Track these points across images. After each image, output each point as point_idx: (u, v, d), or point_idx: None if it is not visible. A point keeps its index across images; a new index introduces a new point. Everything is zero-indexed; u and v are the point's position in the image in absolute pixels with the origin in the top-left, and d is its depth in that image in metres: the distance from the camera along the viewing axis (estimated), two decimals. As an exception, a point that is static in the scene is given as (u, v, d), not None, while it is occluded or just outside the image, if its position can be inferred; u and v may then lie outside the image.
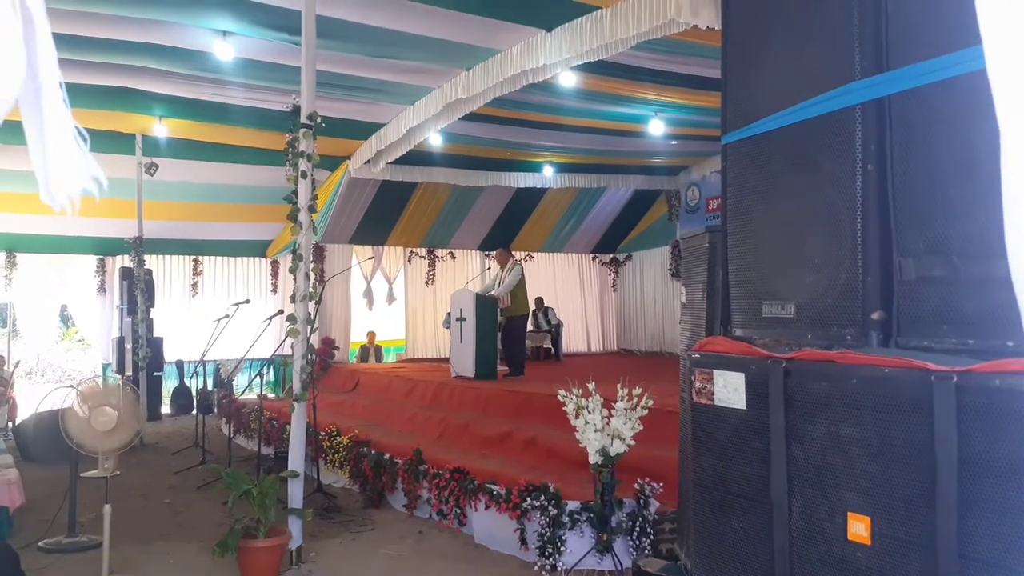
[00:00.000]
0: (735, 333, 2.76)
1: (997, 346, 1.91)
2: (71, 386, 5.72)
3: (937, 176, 2.11)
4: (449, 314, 10.65)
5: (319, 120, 5.79)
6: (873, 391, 2.08)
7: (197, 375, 12.12)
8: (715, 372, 2.60)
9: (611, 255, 17.08)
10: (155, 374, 12.55)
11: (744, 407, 2.49)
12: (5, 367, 12.87)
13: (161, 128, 10.33)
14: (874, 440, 2.07)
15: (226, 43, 7.50)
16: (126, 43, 7.57)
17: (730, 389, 2.53)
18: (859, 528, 2.10)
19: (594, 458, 5.02)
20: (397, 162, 11.79)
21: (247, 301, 10.36)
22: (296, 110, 5.80)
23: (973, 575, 1.82)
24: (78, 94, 8.92)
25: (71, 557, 5.66)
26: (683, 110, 10.11)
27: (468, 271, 15.38)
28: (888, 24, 2.26)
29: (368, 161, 11.64)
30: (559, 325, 14.89)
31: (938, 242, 2.09)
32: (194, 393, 13.11)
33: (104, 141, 10.64)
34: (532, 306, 14.33)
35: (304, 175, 5.73)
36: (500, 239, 14.15)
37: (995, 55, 1.25)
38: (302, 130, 5.72)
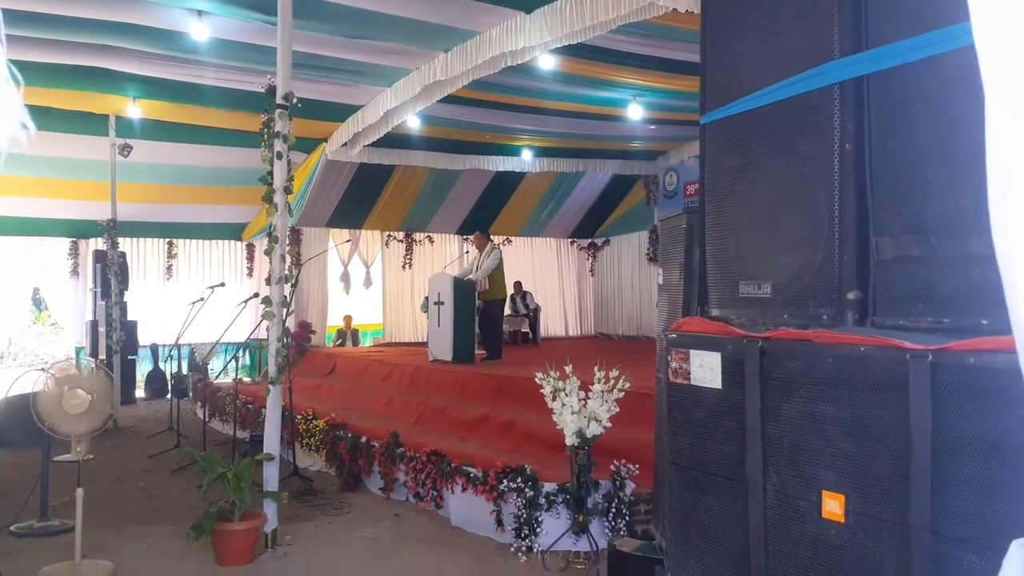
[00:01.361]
0: (712, 313, 2.76)
1: (972, 324, 1.92)
2: (43, 369, 5.65)
3: (915, 156, 2.11)
4: (427, 298, 10.62)
5: (295, 100, 5.73)
6: (849, 370, 2.09)
7: (172, 359, 12.02)
8: (691, 352, 2.60)
9: (589, 240, 17.11)
10: (129, 358, 12.45)
11: (720, 386, 2.49)
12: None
13: (135, 109, 10.18)
14: (849, 418, 2.07)
15: (201, 23, 7.39)
16: (99, 22, 7.43)
17: (706, 369, 2.53)
18: (834, 506, 2.11)
19: (571, 440, 5.03)
20: (375, 145, 11.71)
21: (222, 284, 10.28)
22: (272, 90, 5.74)
23: (946, 551, 1.83)
24: (50, 74, 8.79)
25: (43, 541, 5.60)
26: (662, 94, 10.10)
27: (446, 255, 15.35)
28: (868, 3, 2.25)
29: (345, 144, 11.56)
30: (537, 309, 14.90)
31: (915, 221, 2.09)
32: (169, 377, 13.01)
33: (77, 122, 10.51)
34: (511, 290, 14.35)
35: (280, 156, 5.68)
36: (478, 223, 14.12)
37: (983, 27, 1.24)
38: (278, 110, 5.66)
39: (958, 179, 1.98)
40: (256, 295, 8.06)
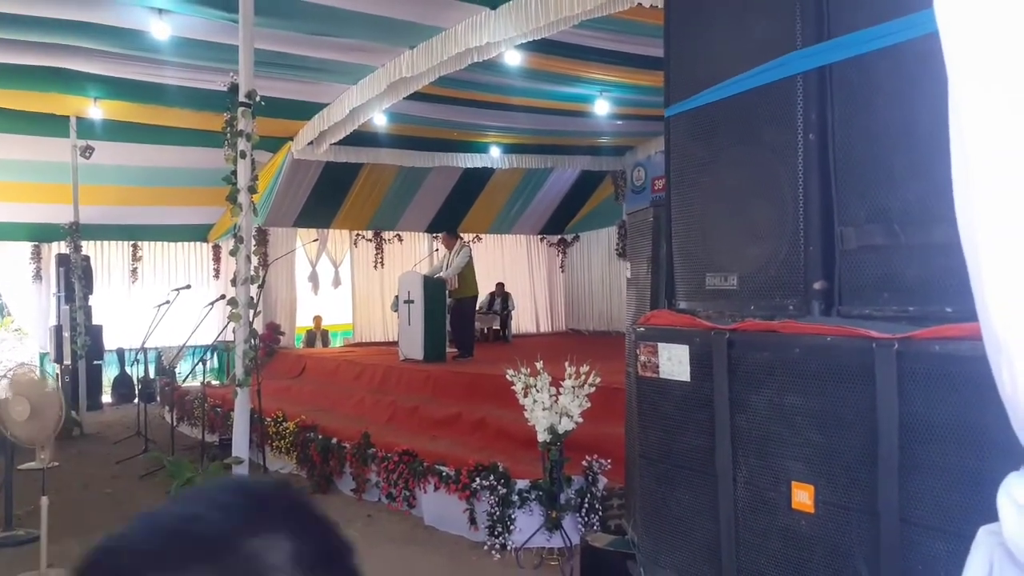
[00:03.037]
0: (679, 306, 2.76)
1: (937, 312, 1.93)
2: (3, 376, 5.54)
3: (878, 144, 2.12)
4: (397, 297, 10.56)
5: (258, 98, 5.67)
6: (815, 360, 2.09)
7: (138, 363, 11.88)
8: (659, 345, 2.59)
9: (559, 236, 17.12)
10: (95, 362, 12.24)
11: (688, 379, 2.48)
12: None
13: (96, 110, 10.02)
14: (817, 408, 2.08)
15: (162, 21, 7.28)
16: (58, 21, 7.30)
17: (675, 361, 2.52)
18: (803, 497, 2.11)
19: (543, 436, 5.02)
20: (341, 143, 11.62)
21: (188, 287, 10.16)
22: (234, 88, 5.67)
23: (914, 539, 1.84)
24: (8, 75, 8.64)
25: (7, 552, 5.50)
26: (628, 90, 10.12)
27: (416, 253, 15.27)
28: (829, -9, 2.25)
29: (311, 142, 11.45)
30: (512, 310, 14.97)
31: (879, 210, 2.10)
32: (135, 381, 12.82)
33: (37, 123, 10.33)
34: (491, 288, 14.37)
35: (243, 155, 5.62)
36: (448, 221, 14.07)
37: (946, 13, 1.23)
38: (240, 108, 5.59)
39: (920, 167, 1.99)
40: (223, 297, 7.98)
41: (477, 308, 13.59)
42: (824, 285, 2.24)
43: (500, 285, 14.99)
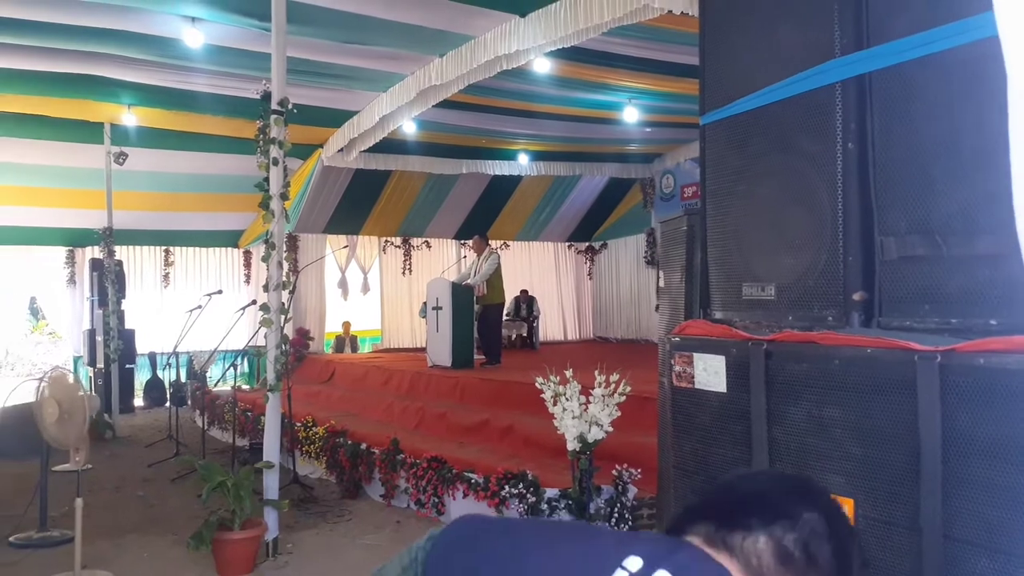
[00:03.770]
0: (715, 316, 2.73)
1: (980, 325, 1.89)
2: (39, 379, 5.61)
3: (919, 154, 2.08)
4: (425, 303, 10.58)
5: (290, 106, 5.71)
6: (855, 372, 2.06)
7: (170, 367, 11.99)
8: (695, 355, 2.57)
9: (587, 243, 17.08)
10: (127, 366, 12.39)
11: (724, 390, 2.46)
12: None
13: (130, 117, 10.16)
14: (857, 421, 2.05)
15: (195, 29, 7.37)
16: (93, 29, 7.41)
17: (710, 372, 2.50)
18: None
19: (572, 445, 4.99)
20: (371, 150, 11.70)
21: (219, 292, 10.26)
22: (266, 96, 5.70)
23: (958, 556, 1.80)
24: (44, 82, 8.77)
25: (43, 552, 5.56)
26: (657, 97, 10.08)
27: (444, 260, 15.29)
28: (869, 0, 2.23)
29: (341, 149, 11.53)
30: (537, 315, 14.93)
31: (920, 221, 2.07)
32: (167, 385, 12.95)
33: (72, 130, 10.48)
34: (516, 293, 14.36)
35: (276, 162, 5.64)
36: (475, 228, 14.07)
37: (1008, 17, 1.21)
38: (273, 116, 5.63)
39: (964, 177, 1.96)
40: (254, 302, 8.04)
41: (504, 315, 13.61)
42: (864, 296, 2.21)
43: (524, 291, 15.00)
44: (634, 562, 1.09)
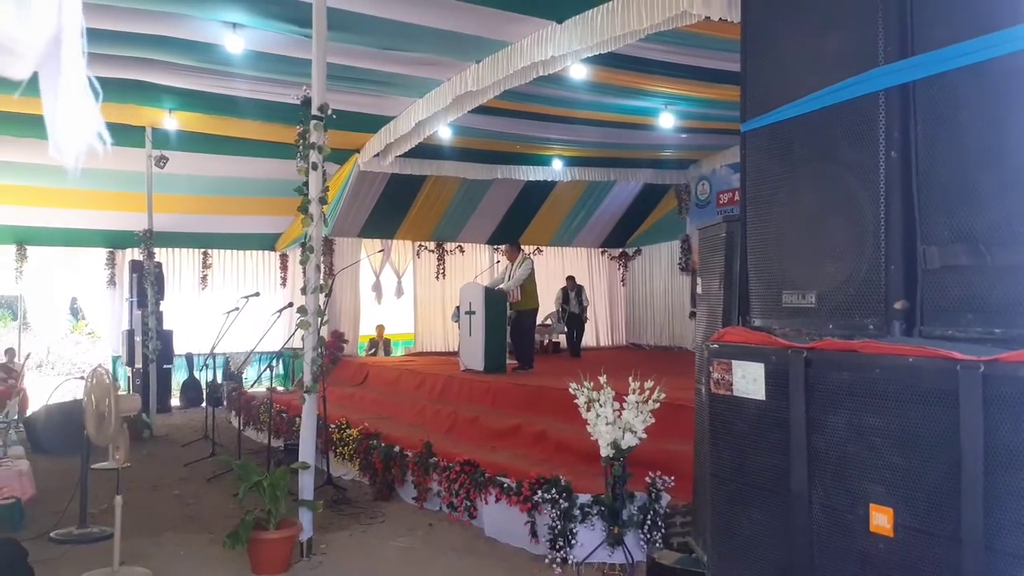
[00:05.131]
0: (754, 323, 2.73)
1: (1024, 335, 1.88)
2: (80, 378, 5.71)
3: (963, 163, 2.07)
4: (458, 308, 10.63)
5: (330, 112, 5.77)
6: (896, 381, 2.05)
7: (207, 368, 12.14)
8: (734, 362, 2.56)
9: (620, 249, 17.05)
10: (165, 367, 12.59)
11: (763, 397, 2.45)
12: (15, 360, 12.92)
13: (171, 121, 10.33)
14: (897, 430, 2.03)
15: (236, 35, 7.48)
16: (136, 35, 7.54)
17: (749, 379, 2.50)
18: (882, 520, 2.07)
19: (605, 451, 5.00)
20: (406, 155, 11.80)
21: (257, 294, 10.37)
22: (307, 102, 5.77)
23: (1001, 568, 1.79)
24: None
25: (82, 548, 5.66)
26: (693, 103, 10.06)
27: (477, 265, 15.36)
28: (913, 7, 2.21)
29: (377, 154, 11.62)
30: (586, 306, 14.65)
31: (964, 230, 2.05)
32: (204, 386, 13.13)
33: (114, 134, 10.38)
34: (563, 284, 14.29)
35: (315, 167, 5.71)
36: (509, 233, 14.13)
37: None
38: (313, 122, 5.69)
39: (1008, 186, 1.95)
40: (291, 305, 8.11)
41: (550, 313, 13.60)
42: (905, 305, 2.19)
43: (571, 278, 14.73)
44: None
